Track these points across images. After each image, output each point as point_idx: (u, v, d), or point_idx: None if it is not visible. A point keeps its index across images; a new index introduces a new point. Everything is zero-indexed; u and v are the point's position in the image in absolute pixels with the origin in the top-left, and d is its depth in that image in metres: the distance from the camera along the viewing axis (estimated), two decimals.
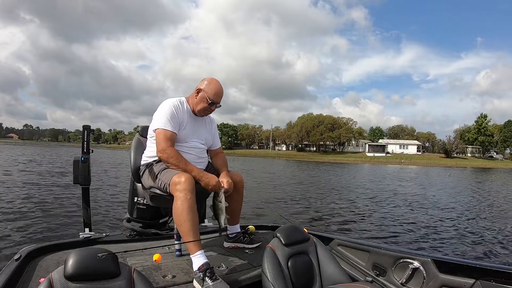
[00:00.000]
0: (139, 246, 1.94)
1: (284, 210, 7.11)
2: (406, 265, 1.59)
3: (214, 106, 1.85)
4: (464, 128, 70.16)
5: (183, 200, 1.56)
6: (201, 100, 1.81)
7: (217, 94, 1.82)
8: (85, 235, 2.02)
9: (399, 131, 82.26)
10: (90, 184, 2.15)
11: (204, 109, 1.84)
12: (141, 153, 1.97)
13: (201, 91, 1.81)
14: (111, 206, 6.28)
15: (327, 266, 1.57)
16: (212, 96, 1.80)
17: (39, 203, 6.23)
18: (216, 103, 1.84)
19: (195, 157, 1.86)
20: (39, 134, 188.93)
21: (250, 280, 1.61)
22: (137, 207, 2.24)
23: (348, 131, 66.96)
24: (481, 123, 64.72)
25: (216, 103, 1.84)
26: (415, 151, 65.62)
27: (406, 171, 28.30)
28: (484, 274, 1.33)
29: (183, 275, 1.58)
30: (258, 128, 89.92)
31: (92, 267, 1.05)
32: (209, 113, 1.91)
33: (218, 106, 1.87)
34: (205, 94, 1.80)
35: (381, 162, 49.48)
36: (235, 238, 2.03)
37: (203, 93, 1.81)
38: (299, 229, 1.67)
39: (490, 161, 57.58)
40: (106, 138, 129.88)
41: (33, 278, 1.41)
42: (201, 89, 1.82)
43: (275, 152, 71.27)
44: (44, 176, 11.09)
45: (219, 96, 1.83)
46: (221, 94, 1.85)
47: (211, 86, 1.81)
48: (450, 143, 64.83)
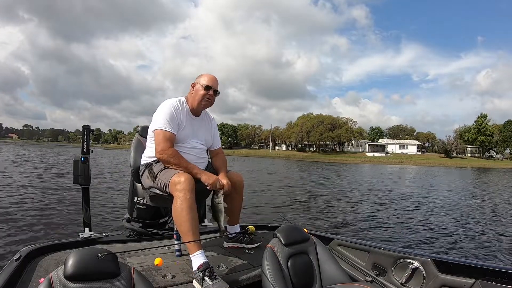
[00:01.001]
0: (139, 246, 1.94)
1: (284, 210, 7.11)
2: (406, 265, 1.59)
3: (212, 91, 1.84)
4: (464, 128, 70.21)
5: (183, 200, 1.56)
6: (198, 91, 1.84)
7: (210, 79, 1.85)
8: (85, 235, 2.02)
9: (399, 131, 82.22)
10: (90, 184, 2.15)
11: (203, 97, 1.83)
12: (141, 153, 1.97)
13: (195, 84, 1.86)
14: (111, 206, 6.28)
15: (327, 266, 1.56)
16: (206, 82, 1.83)
17: (39, 203, 6.23)
18: (212, 88, 1.84)
19: (195, 157, 1.86)
20: (38, 134, 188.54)
21: (250, 280, 1.61)
22: (137, 207, 2.24)
23: (348, 131, 66.91)
24: (481, 123, 64.74)
25: (212, 87, 1.84)
26: (415, 151, 65.59)
27: (406, 171, 28.31)
28: (484, 274, 1.33)
29: (183, 275, 1.58)
30: (258, 128, 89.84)
31: (92, 267, 1.05)
32: (211, 101, 1.88)
33: (217, 94, 1.87)
34: (199, 84, 1.84)
35: (381, 162, 49.48)
36: (235, 238, 2.03)
37: (197, 85, 1.85)
38: (299, 229, 1.67)
39: (490, 161, 57.57)
40: (106, 138, 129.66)
41: (33, 278, 1.41)
42: (194, 83, 1.87)
43: (275, 152, 71.21)
44: (44, 176, 11.07)
45: (213, 81, 1.85)
46: (216, 80, 1.87)
47: (204, 76, 1.86)
48: (450, 143, 64.75)
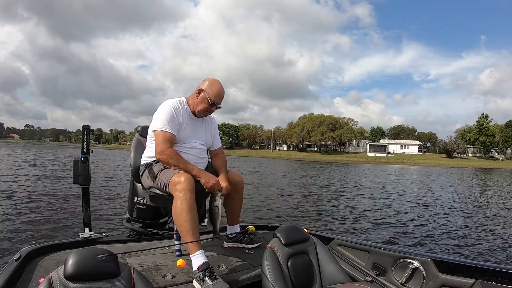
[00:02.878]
0: (139, 246, 1.94)
1: (284, 210, 7.11)
2: (406, 265, 1.59)
3: (215, 107, 1.84)
4: (465, 128, 70.05)
5: (183, 200, 1.56)
6: (202, 100, 1.81)
7: (218, 95, 1.81)
8: (85, 235, 2.02)
9: (400, 131, 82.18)
10: (90, 184, 2.16)
11: (205, 110, 1.83)
12: (141, 153, 1.97)
13: (203, 92, 1.80)
14: (111, 206, 6.29)
15: (327, 266, 1.56)
16: (214, 97, 1.79)
17: (39, 203, 6.24)
18: (216, 105, 1.83)
19: (195, 157, 1.86)
20: (40, 134, 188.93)
21: (250, 280, 1.61)
22: (137, 207, 2.25)
23: (349, 131, 66.86)
24: (482, 123, 64.59)
25: (217, 104, 1.83)
26: (416, 151, 65.52)
27: (407, 171, 28.27)
28: (484, 274, 1.33)
29: (183, 275, 1.58)
30: (259, 128, 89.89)
31: (92, 267, 1.05)
32: (209, 114, 1.91)
33: (218, 107, 1.86)
34: (206, 95, 1.79)
35: (382, 162, 49.45)
36: (235, 238, 2.03)
37: (205, 94, 1.80)
38: (299, 229, 1.67)
39: (491, 161, 57.47)
40: (107, 138, 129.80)
41: (33, 278, 1.41)
42: (202, 90, 1.81)
43: (276, 152, 71.18)
44: (44, 176, 11.10)
45: (220, 98, 1.83)
46: (223, 96, 1.84)
47: (213, 88, 1.80)
48: (451, 143, 64.66)
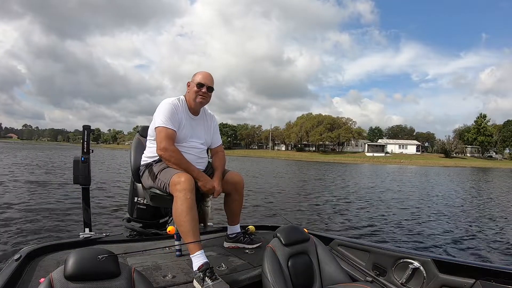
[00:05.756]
0: (139, 246, 1.94)
1: (284, 210, 7.12)
2: (406, 265, 1.59)
3: (205, 88, 1.85)
4: (464, 128, 70.33)
5: (183, 200, 1.56)
6: (191, 89, 1.87)
7: (203, 77, 1.87)
8: (85, 235, 2.01)
9: (398, 131, 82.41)
10: (90, 184, 2.15)
11: (196, 94, 1.85)
12: (141, 153, 1.96)
13: (190, 83, 1.90)
14: (111, 206, 6.28)
15: (327, 266, 1.56)
16: (199, 79, 1.86)
17: (39, 203, 6.23)
18: (205, 85, 1.85)
19: (195, 157, 1.86)
20: (38, 134, 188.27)
21: (250, 280, 1.61)
22: (137, 207, 2.24)
23: (347, 131, 66.95)
24: (480, 123, 64.84)
25: (205, 84, 1.85)
26: (414, 151, 65.67)
27: (405, 171, 28.33)
28: (484, 274, 1.34)
29: (183, 275, 1.58)
30: (257, 128, 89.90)
31: (92, 267, 1.05)
32: (206, 99, 1.89)
33: (211, 90, 1.89)
34: (193, 82, 1.87)
35: (380, 162, 49.51)
36: (235, 238, 2.03)
37: (192, 83, 1.88)
38: (299, 229, 1.67)
39: (489, 161, 57.68)
40: (106, 138, 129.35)
41: (33, 278, 1.40)
42: (189, 82, 1.91)
43: (275, 152, 71.21)
44: (44, 176, 11.07)
45: (206, 78, 1.88)
46: (209, 77, 1.89)
47: (197, 74, 1.89)
48: (450, 143, 64.83)
